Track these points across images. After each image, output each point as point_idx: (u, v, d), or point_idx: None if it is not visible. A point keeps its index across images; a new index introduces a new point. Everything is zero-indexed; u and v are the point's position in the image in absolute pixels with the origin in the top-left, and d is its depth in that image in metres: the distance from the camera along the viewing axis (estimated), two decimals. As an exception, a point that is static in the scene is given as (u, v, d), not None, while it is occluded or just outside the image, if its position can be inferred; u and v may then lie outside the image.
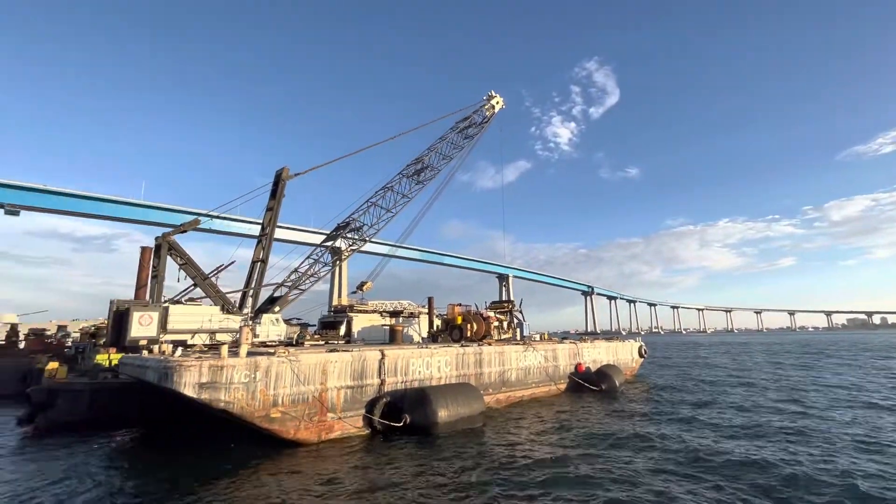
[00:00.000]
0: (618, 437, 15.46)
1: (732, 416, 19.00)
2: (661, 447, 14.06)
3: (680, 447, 13.92)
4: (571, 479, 11.13)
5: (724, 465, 12.13)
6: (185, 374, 12.78)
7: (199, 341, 22.04)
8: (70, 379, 19.92)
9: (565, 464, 12.48)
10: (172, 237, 24.77)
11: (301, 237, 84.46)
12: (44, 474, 12.36)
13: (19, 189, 63.93)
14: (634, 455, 13.29)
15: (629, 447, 14.24)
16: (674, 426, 17.22)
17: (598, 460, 12.79)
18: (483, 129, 36.23)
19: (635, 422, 18.21)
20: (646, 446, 14.25)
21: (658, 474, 11.48)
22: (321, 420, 15.12)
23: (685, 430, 16.51)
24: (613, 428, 16.83)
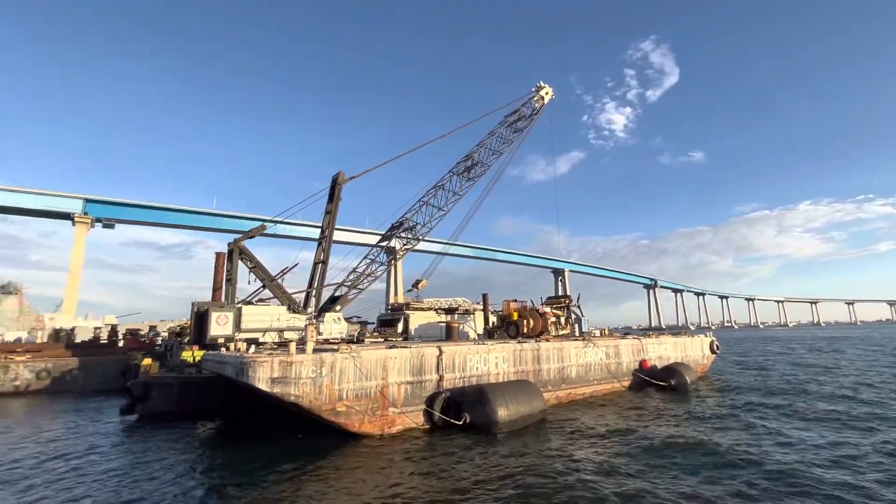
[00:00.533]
0: (693, 444, 13.85)
1: (838, 426, 15.99)
2: (749, 460, 12.00)
3: (773, 467, 11.50)
4: (647, 491, 10.44)
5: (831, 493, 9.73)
6: (259, 369, 13.71)
7: (270, 339, 23.51)
8: (161, 374, 22.07)
9: (637, 470, 11.94)
10: (242, 242, 26.58)
11: (358, 238, 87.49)
12: (142, 457, 13.85)
13: (114, 205, 71.55)
14: (716, 473, 11.26)
15: (708, 459, 12.32)
16: (761, 436, 14.74)
17: (672, 471, 11.64)
18: (532, 122, 35.51)
19: (711, 427, 16.40)
20: (728, 461, 12.09)
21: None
22: (383, 414, 15.59)
23: (774, 441, 14.02)
24: (688, 433, 15.37)
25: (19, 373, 31.36)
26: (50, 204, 66.94)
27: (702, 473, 11.33)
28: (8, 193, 64.52)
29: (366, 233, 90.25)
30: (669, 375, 25.54)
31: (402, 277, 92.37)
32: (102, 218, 70.49)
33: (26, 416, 23.14)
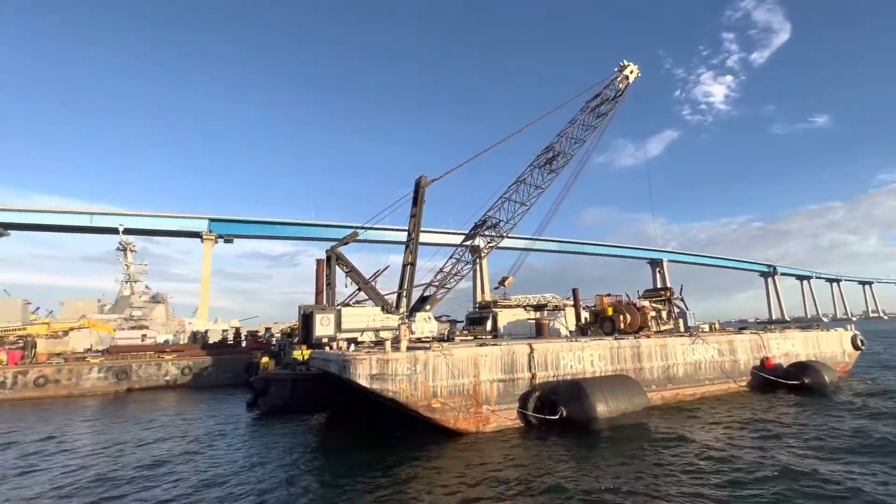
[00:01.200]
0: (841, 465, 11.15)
1: None
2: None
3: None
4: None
5: None
6: (359, 366, 14.55)
7: (367, 338, 24.91)
8: (277, 371, 24.53)
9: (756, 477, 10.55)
10: (338, 249, 28.51)
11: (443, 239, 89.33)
12: (267, 443, 15.53)
13: (232, 222, 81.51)
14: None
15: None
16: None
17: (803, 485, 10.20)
18: (617, 105, 33.25)
19: (870, 443, 12.65)
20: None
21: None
22: (477, 412, 15.64)
23: None
24: (832, 446, 13.24)
25: (168, 369, 37.01)
26: (183, 225, 78.40)
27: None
28: (153, 219, 76.91)
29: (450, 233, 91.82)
30: (801, 373, 22.23)
31: (487, 275, 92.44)
32: (223, 234, 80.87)
33: (176, 405, 27.22)
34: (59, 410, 26.48)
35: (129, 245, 57.81)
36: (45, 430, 19.78)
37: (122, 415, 24.15)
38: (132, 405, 27.73)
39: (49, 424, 21.46)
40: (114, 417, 23.43)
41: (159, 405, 27.40)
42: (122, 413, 24.79)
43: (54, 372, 33.78)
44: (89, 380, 34.41)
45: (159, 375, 36.51)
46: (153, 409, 25.98)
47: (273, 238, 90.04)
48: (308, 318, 25.25)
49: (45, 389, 32.90)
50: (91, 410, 26.23)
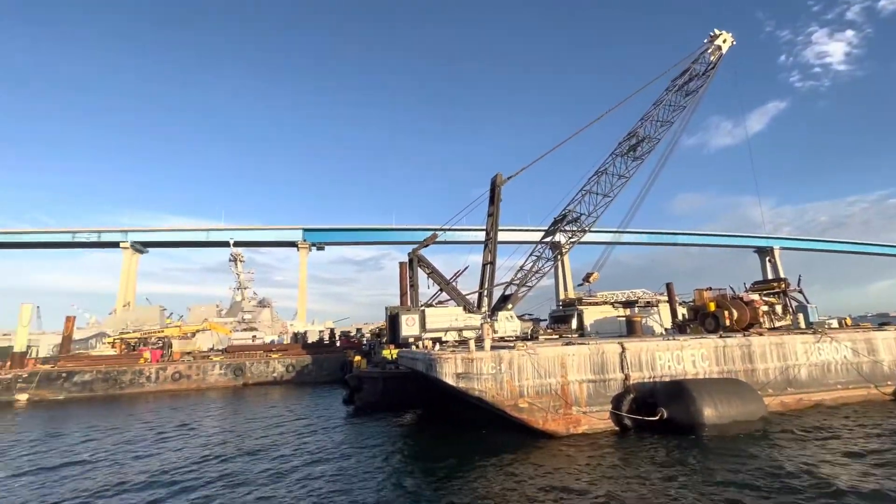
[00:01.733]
0: None
1: None
2: None
3: None
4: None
5: None
6: (445, 365, 14.83)
7: (451, 338, 25.32)
8: (369, 369, 25.91)
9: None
10: (419, 252, 29.36)
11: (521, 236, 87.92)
12: (363, 436, 16.47)
13: (323, 231, 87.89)
14: None
15: None
16: None
17: None
18: (708, 80, 30.13)
19: None
20: None
21: None
22: (566, 413, 15.11)
23: None
24: None
25: (275, 367, 40.91)
26: (281, 236, 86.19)
27: None
28: (256, 231, 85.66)
29: (529, 230, 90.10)
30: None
31: (570, 272, 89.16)
32: (316, 243, 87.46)
33: (284, 399, 30.00)
34: (192, 401, 30.57)
35: (238, 256, 64.97)
36: (179, 419, 22.98)
37: (241, 406, 27.21)
38: (248, 398, 31.12)
39: (183, 413, 24.89)
40: (235, 407, 26.52)
41: (270, 399, 30.39)
42: (241, 405, 27.92)
43: (186, 368, 39.08)
44: (213, 375, 39.27)
45: (268, 372, 40.50)
46: (265, 401, 28.90)
47: (359, 244, 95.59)
48: (394, 319, 26.32)
49: (180, 383, 38.19)
50: (217, 403, 29.89)
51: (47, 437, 19.93)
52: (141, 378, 37.81)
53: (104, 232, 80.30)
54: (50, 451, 17.03)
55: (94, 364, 38.68)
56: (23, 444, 18.56)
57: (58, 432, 20.80)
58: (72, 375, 36.65)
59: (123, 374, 37.64)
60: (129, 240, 79.95)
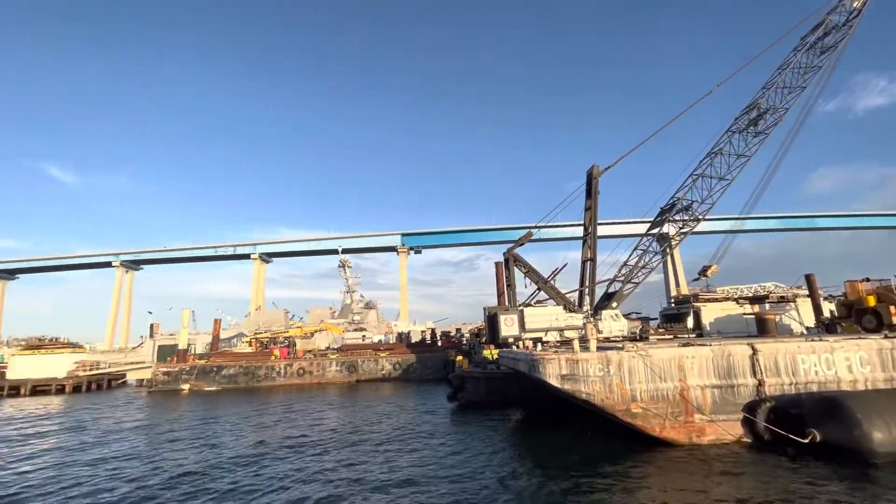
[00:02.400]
0: None
1: None
2: None
3: None
4: None
5: None
6: (548, 366, 14.51)
7: (552, 338, 24.67)
8: (470, 369, 26.36)
9: None
10: (514, 251, 29.12)
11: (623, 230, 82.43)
12: (469, 436, 16.80)
13: (419, 235, 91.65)
14: None
15: None
16: None
17: None
18: (851, 31, 25.33)
19: None
20: None
21: None
22: (688, 420, 13.80)
23: None
24: None
25: (384, 365, 43.61)
26: (381, 242, 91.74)
27: None
28: (359, 239, 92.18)
29: (631, 223, 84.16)
30: None
31: (682, 266, 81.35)
32: (413, 246, 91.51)
33: (392, 395, 31.87)
34: (315, 394, 33.97)
35: (346, 262, 70.53)
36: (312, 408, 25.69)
37: (357, 400, 29.53)
38: (362, 393, 33.65)
39: (315, 403, 27.78)
40: (352, 400, 28.90)
41: (381, 394, 32.52)
42: (357, 399, 30.30)
43: (308, 365, 43.53)
44: (330, 371, 43.17)
45: (377, 370, 43.34)
46: (377, 397, 31.00)
47: (454, 246, 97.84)
48: (493, 319, 26.44)
49: (304, 378, 42.64)
50: (335, 397, 32.82)
51: (238, 419, 23.67)
52: (272, 373, 43.02)
53: (238, 246, 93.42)
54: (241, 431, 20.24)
55: (237, 360, 44.97)
56: (222, 421, 22.27)
57: (246, 417, 24.61)
58: (221, 369, 43.04)
59: (259, 369, 43.18)
60: (257, 252, 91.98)
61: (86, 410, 30.11)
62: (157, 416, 26.20)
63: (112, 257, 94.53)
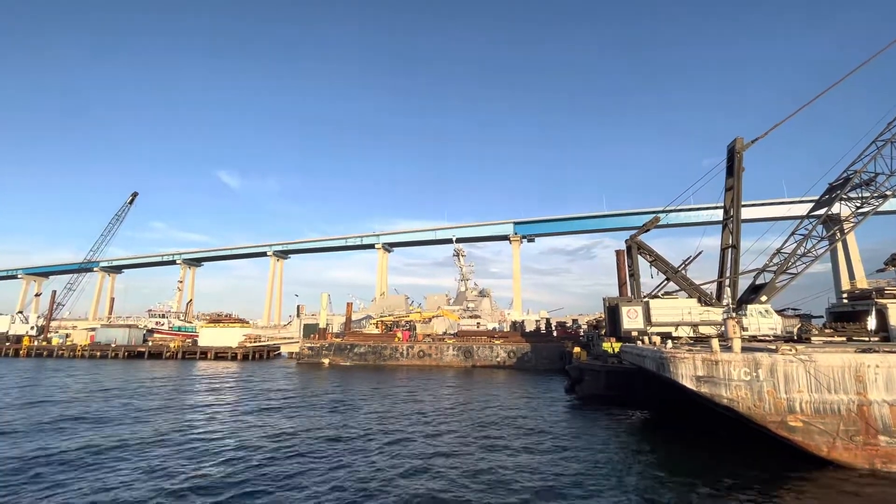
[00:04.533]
0: None
1: None
2: None
3: None
4: None
5: None
6: (681, 365, 13.21)
7: (683, 334, 22.34)
8: (589, 361, 25.27)
9: None
10: (638, 238, 26.88)
11: (775, 211, 70.17)
12: (589, 432, 16.21)
13: (531, 223, 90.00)
14: None
15: None
16: None
17: None
18: None
19: None
20: None
21: None
22: (869, 443, 11.39)
23: None
24: None
25: (498, 352, 44.17)
26: (494, 231, 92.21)
27: None
28: (472, 228, 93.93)
29: (787, 203, 71.31)
30: None
31: (857, 253, 66.57)
32: (526, 235, 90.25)
33: (507, 382, 32.19)
34: (436, 375, 35.99)
35: (460, 251, 72.67)
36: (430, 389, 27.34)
37: (475, 385, 30.52)
38: (478, 378, 34.65)
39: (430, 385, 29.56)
40: (470, 384, 29.97)
41: (496, 381, 33.11)
42: (474, 384, 31.31)
43: (427, 348, 46.19)
44: (448, 356, 45.21)
45: (492, 356, 44.12)
46: (493, 383, 31.63)
47: (569, 233, 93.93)
48: (614, 311, 24.91)
49: (424, 360, 45.39)
50: (454, 379, 34.35)
51: (372, 390, 26.76)
52: (396, 353, 46.67)
53: (365, 237, 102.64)
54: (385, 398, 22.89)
55: (366, 340, 49.79)
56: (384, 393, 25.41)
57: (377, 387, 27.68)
58: (353, 347, 48.10)
59: (384, 349, 47.23)
60: (380, 242, 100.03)
61: (262, 379, 36.26)
62: (322, 386, 30.31)
63: (266, 248, 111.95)
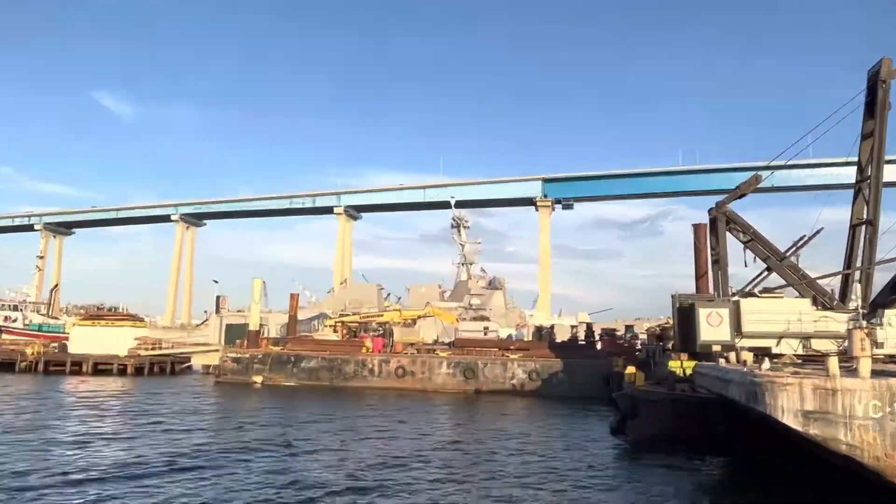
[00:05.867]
0: None
1: None
2: None
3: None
4: None
5: None
6: (780, 394, 13.48)
7: (788, 350, 22.72)
8: (648, 387, 25.76)
9: None
10: (727, 206, 27.03)
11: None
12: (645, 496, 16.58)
13: (569, 180, 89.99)
14: None
15: None
16: None
17: None
18: None
19: None
20: None
21: None
22: None
23: None
24: None
25: (515, 372, 44.95)
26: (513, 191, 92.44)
27: None
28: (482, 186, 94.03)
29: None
30: None
31: None
32: (561, 199, 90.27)
33: (526, 416, 32.87)
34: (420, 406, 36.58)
35: (461, 221, 72.36)
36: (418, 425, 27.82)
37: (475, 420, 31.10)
38: (482, 409, 35.35)
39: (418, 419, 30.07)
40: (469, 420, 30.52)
41: (508, 414, 33.80)
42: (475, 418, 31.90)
43: (410, 363, 46.96)
44: (440, 375, 46.02)
45: (505, 378, 44.88)
46: (502, 418, 32.24)
47: (623, 197, 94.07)
48: (687, 315, 25.24)
49: (404, 381, 46.20)
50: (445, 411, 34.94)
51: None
52: (364, 370, 47.41)
53: (318, 196, 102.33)
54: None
55: (319, 349, 50.54)
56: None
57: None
58: (300, 360, 48.82)
59: (347, 363, 47.98)
60: (342, 204, 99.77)
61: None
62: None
63: (171, 209, 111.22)
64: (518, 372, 44.93)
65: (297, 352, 50.10)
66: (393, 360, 47.69)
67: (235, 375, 49.40)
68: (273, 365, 49.16)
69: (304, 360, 48.93)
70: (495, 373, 45.26)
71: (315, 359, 48.90)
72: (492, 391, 44.10)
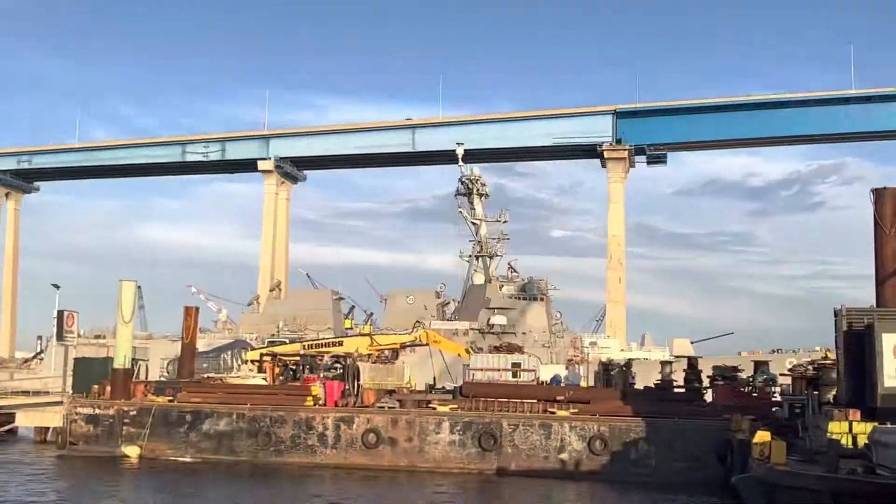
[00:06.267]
0: None
1: None
2: None
3: None
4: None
5: None
6: None
7: None
8: (793, 465, 25.67)
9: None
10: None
11: None
12: None
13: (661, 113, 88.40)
14: None
15: None
16: None
17: None
18: None
19: None
20: None
21: None
22: None
23: None
24: None
25: (566, 437, 44.58)
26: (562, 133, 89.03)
27: None
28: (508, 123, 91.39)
29: None
30: None
31: None
32: (646, 145, 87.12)
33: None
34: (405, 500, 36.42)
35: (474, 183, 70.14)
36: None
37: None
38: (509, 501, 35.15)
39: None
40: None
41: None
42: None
43: (388, 424, 46.56)
44: (438, 444, 45.66)
45: (548, 448, 44.52)
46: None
47: (752, 144, 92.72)
48: (861, 344, 25.30)
49: (378, 453, 45.85)
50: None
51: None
52: (310, 436, 46.99)
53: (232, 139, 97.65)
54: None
55: (235, 401, 49.99)
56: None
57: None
58: (200, 420, 48.43)
59: (281, 424, 47.58)
60: (271, 155, 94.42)
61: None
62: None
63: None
64: (571, 438, 44.61)
65: (198, 405, 49.60)
66: (359, 418, 47.37)
67: (92, 445, 48.81)
68: (156, 427, 48.69)
69: (208, 420, 48.44)
70: (530, 440, 44.98)
71: (227, 417, 48.46)
72: (525, 471, 43.84)
